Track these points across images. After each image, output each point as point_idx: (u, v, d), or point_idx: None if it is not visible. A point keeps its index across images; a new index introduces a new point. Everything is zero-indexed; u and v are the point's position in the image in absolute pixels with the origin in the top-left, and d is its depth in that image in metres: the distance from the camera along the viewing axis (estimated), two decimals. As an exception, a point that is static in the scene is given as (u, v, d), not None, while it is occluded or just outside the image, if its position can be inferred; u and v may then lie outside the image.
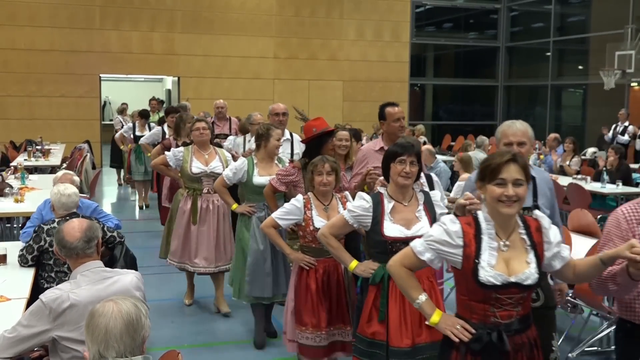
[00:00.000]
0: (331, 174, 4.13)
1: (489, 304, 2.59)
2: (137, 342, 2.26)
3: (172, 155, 5.96)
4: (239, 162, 5.21)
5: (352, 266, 3.66)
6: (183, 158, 5.89)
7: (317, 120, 4.87)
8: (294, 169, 4.79)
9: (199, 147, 5.92)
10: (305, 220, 4.13)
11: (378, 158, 4.44)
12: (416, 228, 3.43)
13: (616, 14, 16.78)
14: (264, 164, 5.14)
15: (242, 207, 5.19)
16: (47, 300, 2.93)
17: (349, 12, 18.22)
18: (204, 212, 5.82)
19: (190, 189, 5.89)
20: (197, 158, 5.87)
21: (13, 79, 15.60)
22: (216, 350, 5.20)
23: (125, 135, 11.25)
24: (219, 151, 6.09)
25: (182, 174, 5.93)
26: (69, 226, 3.18)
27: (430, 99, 21.85)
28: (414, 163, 3.47)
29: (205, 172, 5.82)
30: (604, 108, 17.05)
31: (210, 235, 5.82)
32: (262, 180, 5.00)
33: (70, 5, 15.87)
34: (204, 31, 16.89)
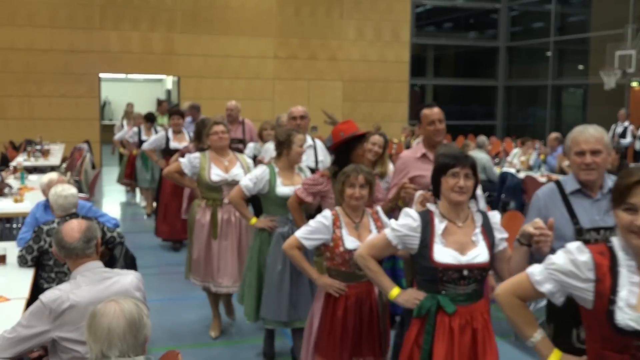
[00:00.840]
0: (365, 187, 3.63)
1: (628, 355, 2.12)
2: (139, 341, 2.26)
3: (187, 162, 5.38)
4: (259, 170, 4.70)
5: (394, 294, 3.10)
6: (200, 165, 5.32)
7: (346, 124, 4.39)
8: (323, 177, 4.30)
9: (217, 153, 5.39)
10: (334, 240, 3.61)
11: (420, 167, 4.22)
12: (472, 254, 2.95)
13: (616, 13, 16.78)
14: (286, 173, 4.69)
15: (263, 221, 4.69)
16: (47, 301, 2.92)
17: (349, 12, 18.21)
18: (225, 224, 5.27)
19: (209, 199, 5.30)
20: (215, 165, 5.33)
21: (12, 79, 15.59)
22: (216, 351, 5.19)
23: (130, 140, 10.49)
24: (240, 157, 5.54)
25: (200, 183, 5.38)
26: (68, 227, 3.17)
27: (431, 99, 21.83)
28: (469, 176, 3.00)
29: (226, 180, 5.27)
30: (604, 108, 17.04)
31: (233, 250, 5.29)
32: (286, 191, 4.58)
33: (69, 5, 15.86)
34: (204, 31, 16.89)
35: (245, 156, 5.75)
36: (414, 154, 4.38)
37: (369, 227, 3.69)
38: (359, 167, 3.71)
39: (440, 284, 2.90)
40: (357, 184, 3.61)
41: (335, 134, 4.37)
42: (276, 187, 4.62)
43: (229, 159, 5.42)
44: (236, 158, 5.47)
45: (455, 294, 2.93)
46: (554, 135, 11.73)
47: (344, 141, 4.26)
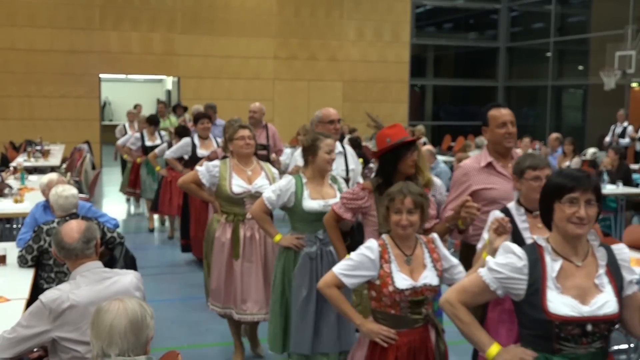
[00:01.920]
0: (414, 212, 2.99)
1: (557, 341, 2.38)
2: (141, 341, 2.26)
3: (205, 172, 4.77)
4: (284, 181, 4.16)
5: (493, 353, 2.47)
6: (220, 174, 4.74)
7: (393, 128, 3.75)
8: (364, 191, 3.70)
9: (239, 161, 4.79)
10: (381, 278, 2.96)
11: (485, 179, 3.73)
12: (597, 303, 2.36)
13: (616, 14, 16.78)
14: (314, 184, 4.13)
15: (288, 239, 4.14)
16: (47, 301, 2.92)
17: (349, 13, 18.22)
18: (248, 243, 4.66)
19: (230, 214, 4.72)
20: (237, 174, 4.74)
21: (13, 79, 15.60)
22: (216, 351, 5.19)
23: (133, 147, 9.45)
24: (264, 166, 4.95)
25: (219, 195, 4.78)
26: (67, 227, 3.18)
27: (431, 99, 21.86)
28: (591, 203, 2.38)
29: (249, 192, 4.69)
30: (604, 108, 17.04)
31: (258, 271, 4.67)
32: (314, 205, 4.05)
33: (70, 6, 15.86)
34: (204, 31, 16.89)
35: (269, 165, 5.15)
36: (477, 163, 3.79)
37: (423, 260, 3.05)
38: (406, 186, 3.07)
39: (555, 341, 2.35)
40: (404, 209, 2.99)
41: (380, 139, 3.75)
42: (302, 200, 4.06)
43: (252, 168, 4.81)
44: (260, 167, 4.88)
45: (575, 354, 2.36)
46: (555, 135, 11.73)
47: (390, 148, 3.63)
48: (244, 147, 4.76)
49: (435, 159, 8.88)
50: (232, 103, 15.44)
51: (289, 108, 17.26)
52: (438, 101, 22.19)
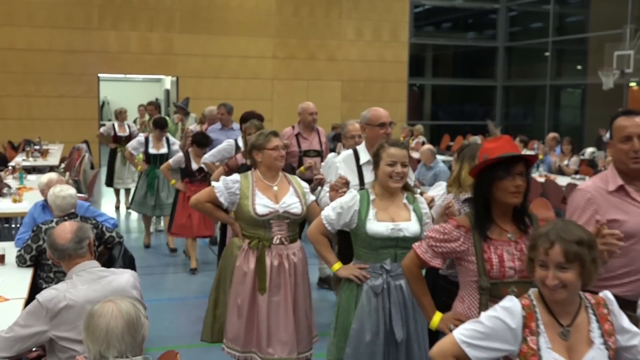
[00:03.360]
0: (568, 267, 2.15)
1: None
2: (137, 341, 2.27)
3: (223, 188, 3.99)
4: (348, 197, 3.48)
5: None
6: (241, 192, 3.97)
7: (496, 141, 2.83)
8: (459, 229, 2.76)
9: (264, 175, 4.03)
10: (523, 357, 2.18)
11: (617, 207, 2.93)
12: None
13: (615, 13, 16.79)
14: (383, 202, 3.43)
15: (348, 269, 3.46)
16: (44, 300, 2.93)
17: (348, 12, 18.22)
18: (275, 273, 3.94)
19: (253, 238, 3.95)
20: (262, 191, 3.97)
21: (11, 79, 15.58)
22: (215, 351, 5.19)
23: (134, 152, 8.30)
24: (292, 179, 4.16)
25: (240, 217, 4.01)
26: (59, 229, 3.21)
27: (429, 99, 21.86)
28: None
29: (276, 212, 3.92)
30: (603, 108, 17.06)
31: (287, 307, 3.93)
32: (381, 229, 3.34)
33: (68, 5, 15.85)
34: (203, 31, 16.89)
35: (298, 177, 4.35)
36: (604, 185, 2.99)
37: (588, 334, 2.20)
38: (559, 228, 2.19)
39: None
40: (551, 263, 2.16)
41: (479, 154, 2.88)
42: (367, 221, 3.36)
43: (278, 182, 4.04)
44: (288, 181, 4.11)
45: None
46: (552, 135, 11.75)
47: (484, 167, 2.73)
48: (278, 159, 4.00)
49: (435, 158, 8.89)
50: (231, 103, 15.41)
51: (288, 108, 17.23)
52: (437, 101, 22.20)
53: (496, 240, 2.72)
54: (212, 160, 6.57)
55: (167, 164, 7.35)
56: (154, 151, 8.15)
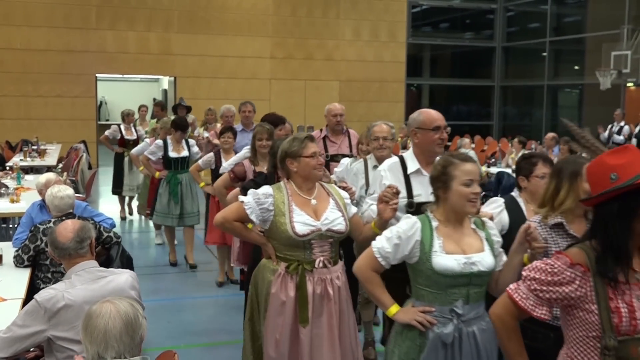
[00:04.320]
0: None
1: None
2: (135, 341, 2.26)
3: (254, 204, 3.37)
4: (406, 224, 2.81)
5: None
6: (275, 207, 3.36)
7: (623, 153, 2.14)
8: (574, 268, 2.13)
9: (299, 187, 3.44)
10: None
11: None
12: None
13: (612, 14, 16.83)
14: (449, 230, 2.80)
15: (409, 313, 2.80)
16: (42, 300, 2.93)
17: (346, 12, 18.23)
18: (318, 301, 3.35)
19: (292, 262, 3.35)
20: (299, 206, 3.38)
21: (9, 79, 15.57)
22: (213, 351, 5.20)
23: (153, 157, 7.49)
24: (331, 189, 3.56)
25: (275, 237, 3.39)
26: (62, 227, 3.20)
27: (427, 99, 21.88)
28: None
29: (319, 231, 3.34)
30: (600, 108, 17.09)
31: (333, 340, 3.37)
32: (451, 264, 2.71)
33: (66, 5, 15.84)
34: (201, 31, 16.89)
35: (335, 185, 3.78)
36: None
37: None
38: None
39: None
40: None
41: (598, 174, 2.16)
42: (432, 254, 2.74)
43: (317, 195, 3.46)
44: (327, 192, 3.52)
45: None
46: (551, 135, 11.77)
47: (618, 194, 2.08)
48: (317, 168, 3.44)
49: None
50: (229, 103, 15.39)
51: (286, 108, 17.19)
52: (434, 101, 22.21)
53: (623, 283, 2.09)
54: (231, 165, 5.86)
55: (197, 165, 6.64)
56: (174, 155, 7.39)
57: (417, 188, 3.54)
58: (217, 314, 6.00)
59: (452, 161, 2.80)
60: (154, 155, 7.45)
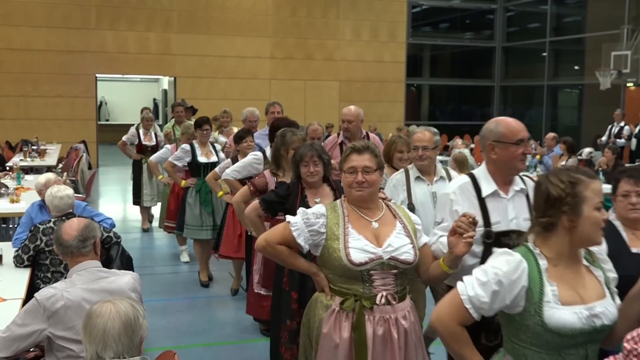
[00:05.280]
0: None
1: None
2: (134, 342, 2.26)
3: (301, 224, 2.83)
4: (510, 264, 2.19)
5: None
6: (327, 229, 2.81)
7: None
8: None
9: (357, 204, 2.87)
10: None
11: None
12: None
13: (612, 14, 16.83)
14: (562, 269, 2.21)
15: None
16: (42, 299, 2.94)
17: (345, 13, 18.23)
18: (380, 346, 2.74)
19: (347, 296, 2.77)
20: (357, 229, 2.80)
21: (9, 79, 15.58)
22: (213, 351, 5.19)
23: (179, 163, 6.88)
24: (398, 210, 2.96)
25: (327, 264, 2.83)
26: (67, 225, 3.21)
27: (427, 99, 21.88)
28: None
29: (380, 259, 2.74)
30: (600, 108, 17.09)
31: None
32: (572, 319, 2.13)
33: (66, 5, 15.85)
34: (200, 31, 16.89)
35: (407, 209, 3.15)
36: None
37: None
38: None
39: None
40: None
41: None
42: (544, 306, 2.15)
43: (379, 216, 2.88)
44: (392, 213, 2.93)
45: None
46: (552, 135, 11.78)
47: None
48: (354, 186, 2.87)
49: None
50: (229, 103, 15.38)
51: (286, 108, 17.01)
52: (434, 101, 22.22)
53: None
54: (237, 177, 5.39)
55: (214, 173, 6.06)
56: (203, 160, 6.75)
57: (495, 214, 2.95)
58: (218, 314, 6.00)
59: (580, 179, 2.19)
60: (180, 161, 6.82)
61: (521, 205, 3.00)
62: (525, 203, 3.01)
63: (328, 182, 3.98)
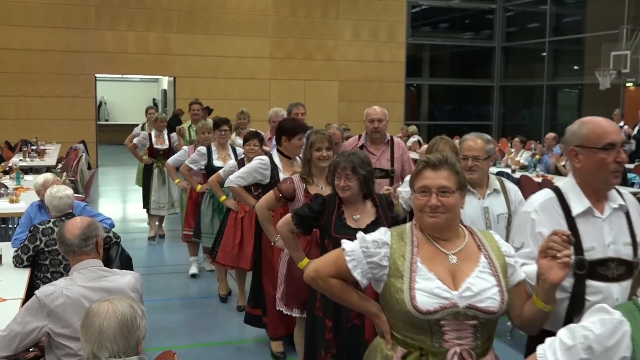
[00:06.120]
0: None
1: None
2: (131, 343, 2.25)
3: (358, 253, 2.30)
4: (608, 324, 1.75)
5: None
6: (390, 262, 2.25)
7: None
8: None
9: (433, 235, 2.29)
10: None
11: None
12: None
13: (611, 14, 16.83)
14: None
15: None
16: (42, 296, 2.96)
17: (345, 12, 18.23)
18: None
19: (412, 348, 2.23)
20: (428, 263, 2.24)
21: (8, 79, 15.58)
22: (213, 351, 5.19)
23: (194, 167, 6.44)
24: (484, 239, 2.34)
25: (388, 306, 2.28)
26: (70, 223, 3.23)
27: (426, 99, 21.88)
28: None
29: (454, 306, 2.17)
30: (600, 108, 17.08)
31: None
32: None
33: (65, 5, 15.85)
34: (200, 31, 16.89)
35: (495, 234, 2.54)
36: None
37: None
38: None
39: None
40: None
41: None
42: None
43: (460, 248, 2.27)
44: (476, 243, 2.31)
45: None
46: (552, 135, 11.78)
47: None
48: (425, 210, 2.28)
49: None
50: (228, 103, 15.42)
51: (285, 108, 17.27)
52: (434, 101, 22.22)
53: None
54: (242, 184, 4.83)
55: (217, 176, 5.62)
56: (219, 163, 6.21)
57: (588, 238, 2.42)
58: (218, 314, 5.99)
59: None
60: (196, 165, 6.38)
61: (620, 226, 2.46)
62: (625, 223, 2.47)
63: (371, 197, 3.50)
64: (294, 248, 3.67)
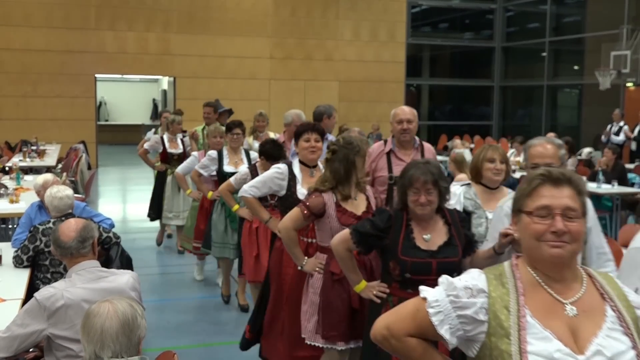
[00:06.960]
0: None
1: None
2: (133, 342, 2.26)
3: (446, 304, 1.75)
4: None
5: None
6: (490, 316, 1.70)
7: None
8: None
9: (547, 274, 1.74)
10: None
11: None
12: None
13: (611, 14, 16.83)
14: None
15: None
16: (42, 299, 2.94)
17: (345, 13, 18.23)
18: None
19: None
20: (542, 317, 1.68)
21: (8, 79, 15.57)
22: (213, 351, 5.19)
23: (204, 172, 6.08)
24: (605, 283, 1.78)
25: None
26: (65, 226, 3.21)
27: (426, 99, 21.88)
28: None
29: None
30: (600, 108, 17.08)
31: None
32: None
33: (65, 5, 15.84)
34: (200, 31, 16.89)
35: None
36: None
37: None
38: None
39: None
40: None
41: None
42: None
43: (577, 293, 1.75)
44: (597, 288, 1.77)
45: None
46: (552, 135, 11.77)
47: None
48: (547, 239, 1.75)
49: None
50: (228, 103, 15.37)
51: (286, 108, 17.00)
52: (434, 101, 22.22)
53: None
54: (256, 195, 4.36)
55: (228, 184, 5.18)
56: (230, 169, 5.87)
57: None
58: (218, 315, 5.99)
59: None
60: (207, 170, 6.01)
61: None
62: None
63: (442, 213, 3.06)
64: (351, 270, 3.20)
